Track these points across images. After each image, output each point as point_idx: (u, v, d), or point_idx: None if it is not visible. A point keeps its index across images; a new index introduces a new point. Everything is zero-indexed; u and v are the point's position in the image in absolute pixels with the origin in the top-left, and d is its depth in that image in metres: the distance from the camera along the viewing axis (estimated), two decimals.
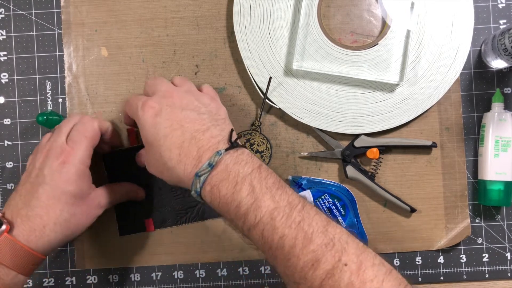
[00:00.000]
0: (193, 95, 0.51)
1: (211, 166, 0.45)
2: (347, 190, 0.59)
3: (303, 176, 0.60)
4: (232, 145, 0.47)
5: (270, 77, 0.58)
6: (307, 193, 0.57)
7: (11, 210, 0.49)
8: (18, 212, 0.49)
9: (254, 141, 0.61)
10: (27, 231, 0.48)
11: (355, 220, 0.58)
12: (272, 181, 0.45)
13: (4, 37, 0.62)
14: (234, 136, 0.49)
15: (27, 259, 0.48)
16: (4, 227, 0.47)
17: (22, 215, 0.48)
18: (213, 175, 0.45)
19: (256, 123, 0.60)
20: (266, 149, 0.61)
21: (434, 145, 0.60)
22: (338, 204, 0.58)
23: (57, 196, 0.49)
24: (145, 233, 0.61)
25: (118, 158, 0.61)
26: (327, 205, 0.58)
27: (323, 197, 0.58)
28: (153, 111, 0.48)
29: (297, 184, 0.58)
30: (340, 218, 0.58)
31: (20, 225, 0.48)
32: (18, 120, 0.62)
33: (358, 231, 0.57)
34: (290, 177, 0.59)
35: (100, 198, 0.54)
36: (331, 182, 0.59)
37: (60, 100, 0.62)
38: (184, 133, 0.47)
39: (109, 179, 0.61)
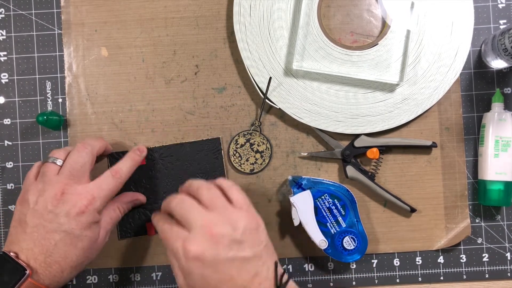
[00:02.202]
0: (229, 224, 0.46)
1: None
2: (347, 190, 0.59)
3: (303, 176, 0.60)
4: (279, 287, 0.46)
5: (270, 77, 0.58)
6: (307, 193, 0.57)
7: (25, 253, 0.49)
8: (35, 257, 0.49)
9: (254, 141, 0.61)
10: (47, 277, 0.49)
11: (355, 220, 0.58)
12: None
13: (4, 37, 0.62)
14: (280, 271, 0.47)
15: None
16: (28, 272, 0.48)
17: (40, 261, 0.49)
18: None
19: (256, 123, 0.60)
20: (266, 149, 0.61)
21: (434, 145, 0.60)
22: (338, 204, 0.58)
23: (74, 243, 0.50)
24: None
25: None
26: (327, 205, 0.58)
27: (323, 197, 0.58)
28: (199, 261, 0.45)
29: (297, 184, 0.58)
30: (340, 218, 0.58)
31: (40, 271, 0.49)
32: (18, 120, 0.62)
33: (358, 231, 0.58)
34: (290, 177, 0.59)
35: (107, 227, 0.54)
36: (331, 182, 0.59)
37: (60, 100, 0.62)
38: (234, 285, 0.46)
39: None
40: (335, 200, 0.58)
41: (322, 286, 0.62)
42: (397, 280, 0.61)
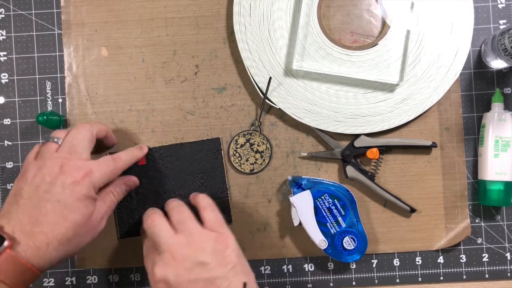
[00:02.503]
0: (194, 246, 0.49)
1: None
2: (347, 190, 0.59)
3: (303, 176, 0.60)
4: None
5: (270, 77, 0.58)
6: (307, 193, 0.57)
7: (12, 224, 0.47)
8: (22, 228, 0.46)
9: (254, 141, 0.61)
10: (30, 249, 0.46)
11: (355, 220, 0.58)
12: None
13: (4, 37, 0.62)
14: None
15: (28, 276, 0.46)
16: (6, 243, 0.45)
17: (26, 231, 0.46)
18: None
19: (256, 123, 0.60)
20: (266, 149, 0.61)
21: (434, 145, 0.60)
22: (338, 204, 0.58)
23: (65, 215, 0.48)
24: None
25: None
26: (327, 205, 0.58)
27: (323, 197, 0.58)
28: (163, 282, 0.48)
29: (297, 184, 0.58)
30: (340, 218, 0.58)
31: (23, 242, 0.46)
32: (18, 120, 0.62)
33: (358, 231, 0.58)
34: (290, 177, 0.59)
35: (101, 211, 0.52)
36: (331, 182, 0.59)
37: (60, 100, 0.62)
38: None
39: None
40: (335, 200, 0.58)
41: (322, 286, 0.62)
42: (397, 280, 0.61)
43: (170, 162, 0.61)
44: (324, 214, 0.58)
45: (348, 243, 0.57)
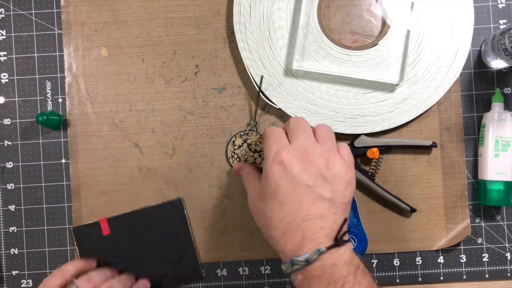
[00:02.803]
0: (328, 163, 0.47)
1: (308, 262, 0.44)
2: None
3: None
4: (337, 243, 0.45)
5: (262, 76, 0.58)
6: None
7: None
8: None
9: (251, 141, 0.61)
10: None
11: (355, 220, 0.58)
12: (365, 286, 0.44)
13: (4, 37, 0.62)
14: (344, 229, 0.47)
15: None
16: None
17: None
18: (307, 269, 0.44)
19: (252, 122, 0.60)
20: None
21: (434, 145, 0.60)
22: None
23: None
24: None
25: (88, 233, 0.60)
26: None
27: None
28: (282, 168, 0.47)
29: None
30: None
31: None
32: (18, 120, 0.62)
33: (358, 231, 0.57)
34: None
35: None
36: None
37: (60, 100, 0.62)
38: (298, 212, 0.46)
39: (80, 254, 0.60)
40: None
41: None
42: (397, 280, 0.61)
43: (134, 230, 0.60)
44: None
45: None
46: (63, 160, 0.62)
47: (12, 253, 0.62)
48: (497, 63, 0.59)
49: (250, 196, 0.51)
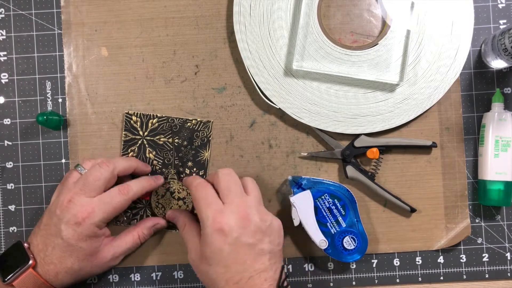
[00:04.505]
0: (262, 215, 0.51)
1: None
2: (347, 190, 0.59)
3: (303, 176, 0.60)
4: None
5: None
6: (307, 193, 0.57)
7: (34, 245, 0.54)
8: (38, 253, 0.53)
9: (174, 189, 0.60)
10: (44, 272, 0.53)
11: (355, 220, 0.58)
12: None
13: (4, 37, 0.62)
14: (284, 276, 0.50)
15: None
16: (30, 262, 0.52)
17: (40, 257, 0.53)
18: None
19: (171, 171, 0.60)
20: (187, 195, 0.61)
21: (434, 145, 0.60)
22: (338, 204, 0.58)
23: (69, 251, 0.53)
24: None
25: None
26: (327, 205, 0.58)
27: (323, 197, 0.58)
28: (223, 235, 0.48)
29: (297, 184, 0.58)
30: (340, 218, 0.58)
31: (40, 265, 0.53)
32: (18, 120, 0.62)
33: (358, 231, 0.57)
34: (290, 177, 0.59)
35: (117, 250, 0.57)
36: (331, 182, 0.59)
37: (60, 100, 0.62)
38: (244, 272, 0.48)
39: None
40: (335, 200, 0.58)
41: (322, 286, 0.62)
42: (397, 280, 0.61)
43: None
44: (324, 214, 0.58)
45: (348, 243, 0.57)
46: (63, 160, 0.62)
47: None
48: (497, 63, 0.59)
49: (191, 255, 0.52)
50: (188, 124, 0.60)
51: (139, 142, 0.61)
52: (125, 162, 0.57)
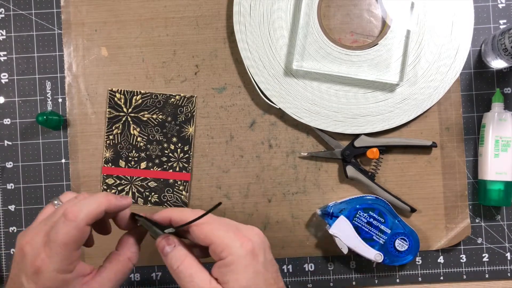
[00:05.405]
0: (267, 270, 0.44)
1: None
2: (375, 197, 0.58)
3: (329, 204, 0.58)
4: None
5: (220, 203, 0.46)
6: (342, 219, 0.56)
7: None
8: None
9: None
10: None
11: (396, 221, 0.57)
12: None
13: (4, 37, 0.62)
14: None
15: None
16: None
17: None
18: None
19: (140, 219, 0.48)
20: None
21: (434, 145, 0.60)
22: (374, 215, 0.57)
23: None
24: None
25: None
26: (365, 221, 0.57)
27: (357, 215, 0.57)
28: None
29: (328, 215, 0.57)
30: (382, 227, 0.56)
31: None
32: (18, 120, 0.62)
33: (404, 230, 0.56)
34: (318, 211, 0.58)
35: (108, 285, 0.44)
36: (355, 197, 0.58)
37: (60, 100, 0.62)
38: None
39: None
40: (370, 212, 0.57)
41: (322, 286, 0.62)
42: (397, 280, 0.61)
43: None
44: (367, 230, 0.57)
45: (400, 245, 0.57)
46: (63, 160, 0.62)
47: (12, 253, 0.62)
48: (497, 63, 0.59)
49: None
50: (172, 100, 0.61)
51: (123, 119, 0.61)
52: (92, 203, 0.42)
